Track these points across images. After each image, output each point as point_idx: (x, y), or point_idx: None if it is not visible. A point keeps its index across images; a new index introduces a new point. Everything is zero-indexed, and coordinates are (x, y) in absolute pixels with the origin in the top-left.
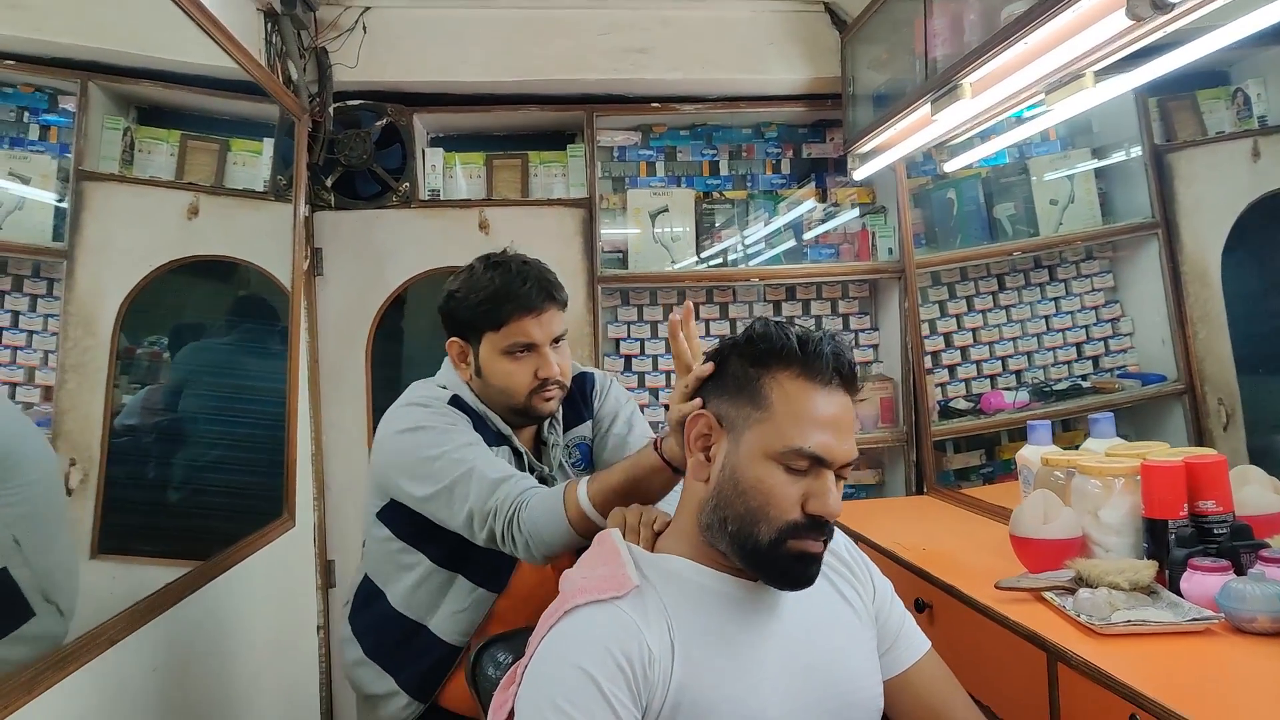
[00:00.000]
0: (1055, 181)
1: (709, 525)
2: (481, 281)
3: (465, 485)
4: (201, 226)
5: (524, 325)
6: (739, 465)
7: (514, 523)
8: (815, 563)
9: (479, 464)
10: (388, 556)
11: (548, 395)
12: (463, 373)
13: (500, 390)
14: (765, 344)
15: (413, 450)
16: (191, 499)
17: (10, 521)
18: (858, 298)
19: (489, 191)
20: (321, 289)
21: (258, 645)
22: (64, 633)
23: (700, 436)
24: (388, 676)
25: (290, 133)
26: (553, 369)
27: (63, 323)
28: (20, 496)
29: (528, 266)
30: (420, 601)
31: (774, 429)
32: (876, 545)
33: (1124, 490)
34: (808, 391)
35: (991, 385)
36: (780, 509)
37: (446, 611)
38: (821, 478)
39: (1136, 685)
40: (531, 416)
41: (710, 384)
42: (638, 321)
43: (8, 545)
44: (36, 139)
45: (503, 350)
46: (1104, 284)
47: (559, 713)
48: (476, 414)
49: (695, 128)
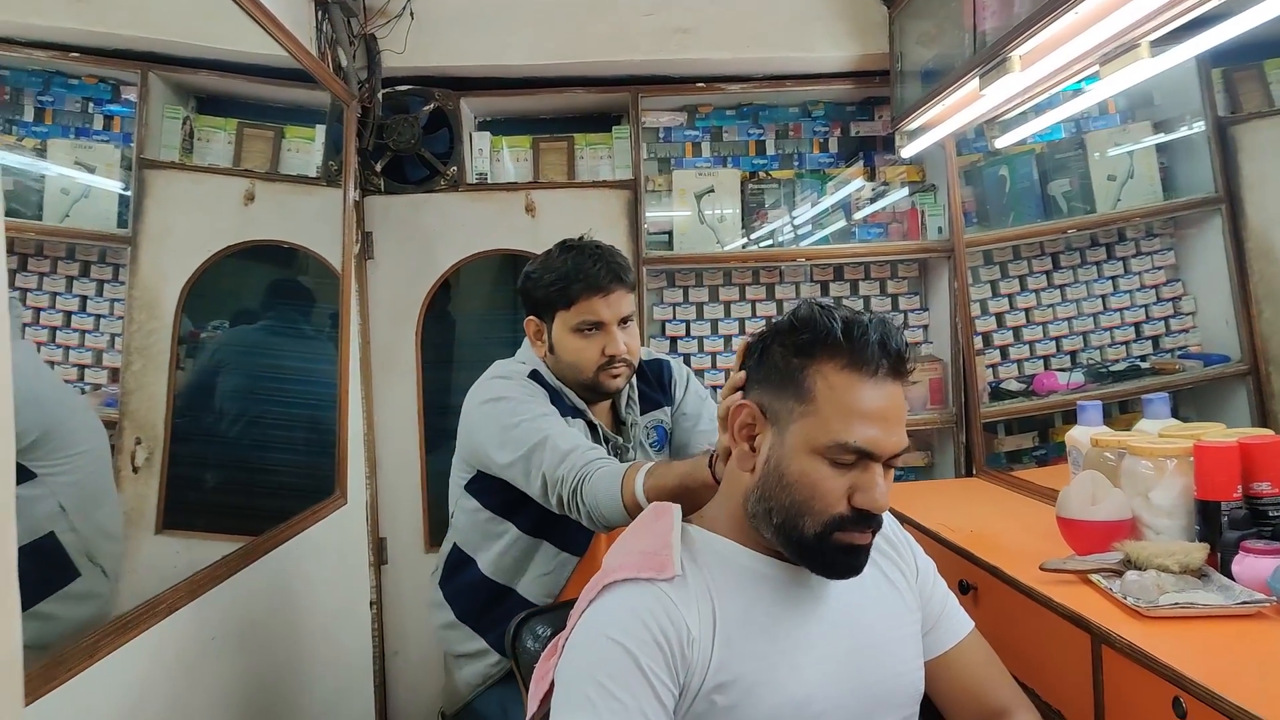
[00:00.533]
0: (1114, 156)
1: (754, 514)
2: (555, 263)
3: (540, 453)
4: (257, 212)
5: (592, 304)
6: (784, 459)
7: (578, 493)
8: (862, 554)
9: (553, 433)
10: (476, 526)
11: (615, 372)
12: (538, 349)
13: (570, 365)
14: (809, 332)
15: (495, 419)
16: (251, 478)
17: (57, 489)
18: (907, 277)
19: (535, 174)
20: (372, 272)
21: (312, 618)
22: (108, 592)
23: (744, 426)
24: (478, 637)
25: (341, 119)
26: (619, 347)
27: (128, 307)
28: (68, 467)
29: (599, 250)
30: (508, 567)
31: (819, 423)
32: (923, 527)
33: (1176, 471)
34: (854, 383)
35: (1045, 366)
36: (826, 503)
37: (533, 575)
38: (869, 470)
39: (1181, 668)
40: (600, 392)
41: (753, 372)
42: (683, 303)
43: (54, 511)
44: (101, 129)
45: (573, 328)
46: (1165, 262)
47: (597, 686)
48: (553, 388)
49: (741, 107)
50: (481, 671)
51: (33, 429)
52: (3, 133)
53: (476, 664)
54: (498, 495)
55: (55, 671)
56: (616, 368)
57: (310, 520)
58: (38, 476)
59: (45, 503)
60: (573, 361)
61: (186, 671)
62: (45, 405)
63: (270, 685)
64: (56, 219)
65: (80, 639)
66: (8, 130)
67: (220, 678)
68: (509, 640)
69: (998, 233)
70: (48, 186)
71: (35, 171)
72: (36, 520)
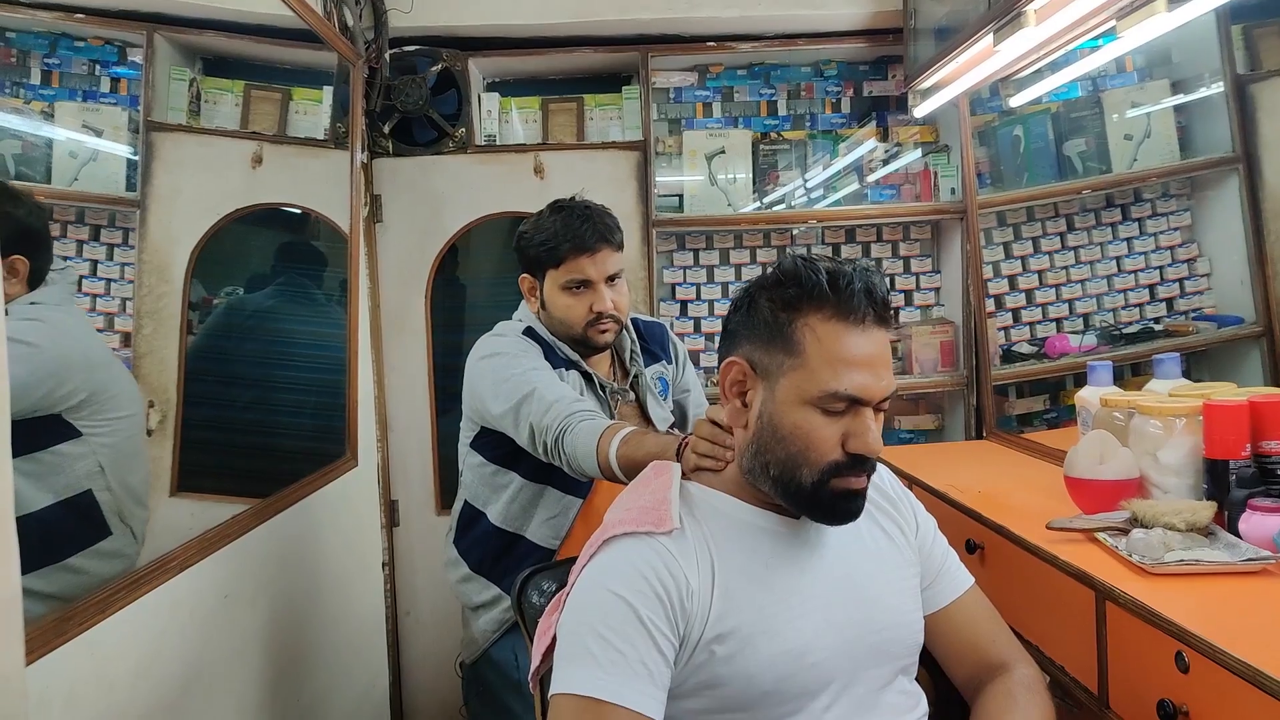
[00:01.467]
0: (1131, 115)
1: (751, 469)
2: (545, 223)
3: (529, 404)
4: (266, 175)
5: (580, 263)
6: (776, 412)
7: (560, 442)
8: (860, 498)
9: (541, 385)
10: (483, 480)
11: (603, 328)
12: (531, 305)
13: (561, 321)
14: (794, 286)
15: (490, 373)
16: (263, 441)
17: (98, 449)
18: (919, 239)
19: (544, 136)
20: (381, 235)
21: (325, 578)
22: (135, 553)
23: (735, 384)
24: (493, 586)
25: (348, 80)
26: (606, 304)
27: (138, 270)
28: (109, 429)
29: (588, 210)
30: (516, 514)
31: (808, 375)
32: (931, 488)
33: (1185, 430)
34: (841, 333)
35: (1057, 329)
36: (820, 451)
37: (540, 519)
38: (860, 416)
39: (1184, 623)
40: (590, 347)
41: (742, 329)
42: (694, 266)
43: (94, 470)
44: (108, 91)
45: (562, 286)
46: (1181, 223)
47: (598, 638)
48: (547, 343)
49: (753, 67)
50: (496, 618)
51: (83, 388)
52: (10, 95)
53: (492, 612)
54: (500, 448)
55: (67, 625)
56: (604, 324)
57: (321, 481)
58: (82, 435)
59: (86, 461)
60: (563, 318)
61: (201, 627)
62: (95, 367)
63: (284, 644)
64: (65, 183)
65: (93, 594)
66: (15, 93)
67: (234, 635)
68: (514, 595)
69: (1011, 194)
70: (56, 150)
71: (43, 135)
72: (77, 477)
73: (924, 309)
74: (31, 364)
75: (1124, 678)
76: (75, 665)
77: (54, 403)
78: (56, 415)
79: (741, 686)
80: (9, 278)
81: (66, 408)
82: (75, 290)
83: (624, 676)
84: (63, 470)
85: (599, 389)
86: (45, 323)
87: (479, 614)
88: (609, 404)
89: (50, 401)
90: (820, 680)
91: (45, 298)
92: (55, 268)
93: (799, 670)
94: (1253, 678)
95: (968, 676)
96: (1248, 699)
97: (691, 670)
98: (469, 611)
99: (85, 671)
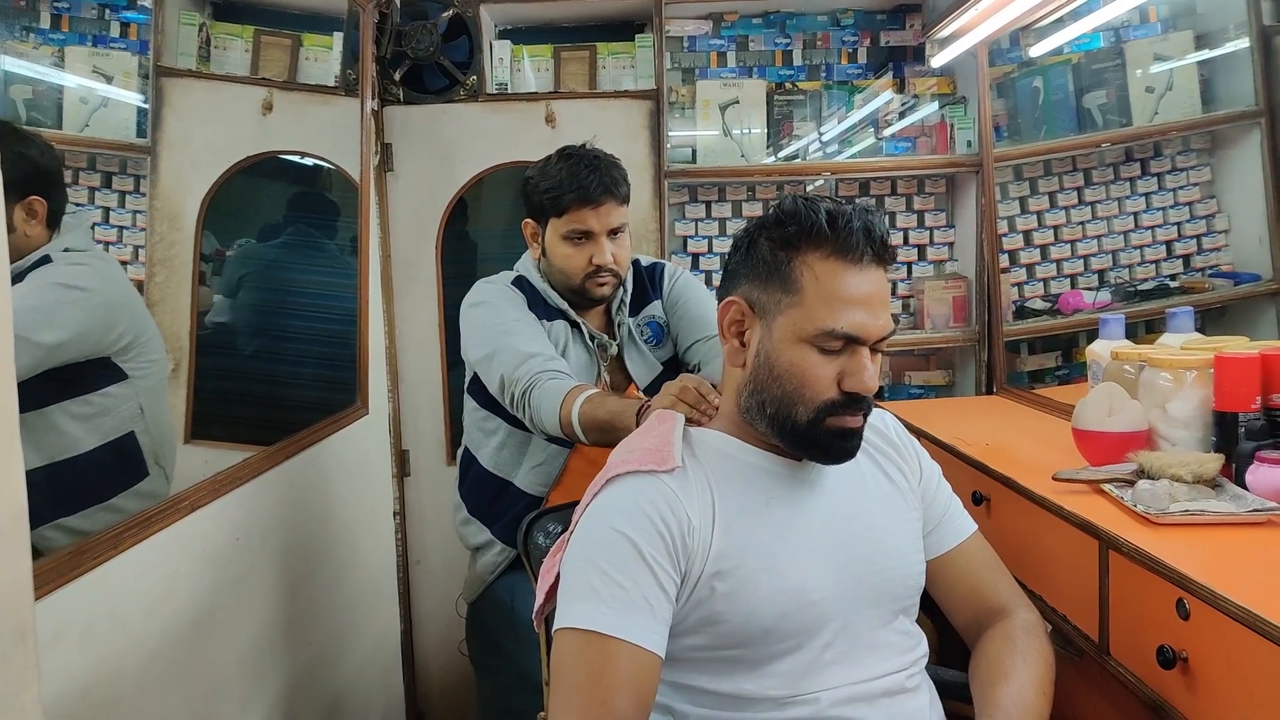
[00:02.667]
0: (1154, 69)
1: (748, 409)
2: (552, 170)
3: (502, 354)
4: (276, 123)
5: (583, 215)
6: (773, 350)
7: (527, 395)
8: (855, 437)
9: (517, 337)
10: (476, 425)
11: (601, 280)
12: (534, 251)
13: (560, 270)
14: (794, 224)
15: (473, 320)
16: (275, 390)
17: (140, 391)
18: (934, 193)
19: (556, 84)
20: (392, 184)
21: (335, 524)
22: (167, 494)
23: (733, 323)
24: (485, 529)
25: (358, 26)
26: (606, 257)
27: (149, 218)
28: (147, 370)
29: (597, 160)
30: (505, 460)
31: (806, 312)
32: (939, 440)
33: (1195, 383)
34: (839, 271)
35: (1072, 285)
36: (816, 390)
37: (527, 467)
38: (856, 355)
39: (1186, 570)
40: (587, 298)
41: (742, 269)
42: (706, 219)
43: (135, 413)
44: (117, 36)
45: (563, 235)
46: (1200, 178)
47: (601, 574)
48: (537, 292)
49: (768, 15)
50: (492, 561)
51: (128, 331)
52: (20, 40)
53: (488, 554)
54: (487, 393)
55: (81, 560)
56: (603, 276)
57: (332, 428)
58: (129, 378)
59: (130, 403)
60: (562, 267)
61: (212, 567)
62: (136, 309)
63: (297, 588)
64: (76, 129)
65: (104, 531)
66: (25, 38)
67: (246, 577)
68: (521, 537)
69: (1029, 146)
70: (66, 96)
71: (54, 81)
72: (122, 419)
73: (937, 264)
74: (86, 308)
75: (1125, 626)
76: (90, 600)
77: (106, 345)
78: (106, 358)
79: (741, 623)
80: (29, 219)
81: (116, 350)
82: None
83: (626, 611)
84: (110, 412)
85: (587, 340)
86: (90, 267)
87: (479, 556)
88: (597, 356)
89: (104, 344)
90: (820, 618)
91: (76, 243)
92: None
93: (799, 607)
94: (1252, 623)
95: (968, 621)
96: (1246, 643)
97: (692, 606)
98: (471, 553)
99: (100, 607)
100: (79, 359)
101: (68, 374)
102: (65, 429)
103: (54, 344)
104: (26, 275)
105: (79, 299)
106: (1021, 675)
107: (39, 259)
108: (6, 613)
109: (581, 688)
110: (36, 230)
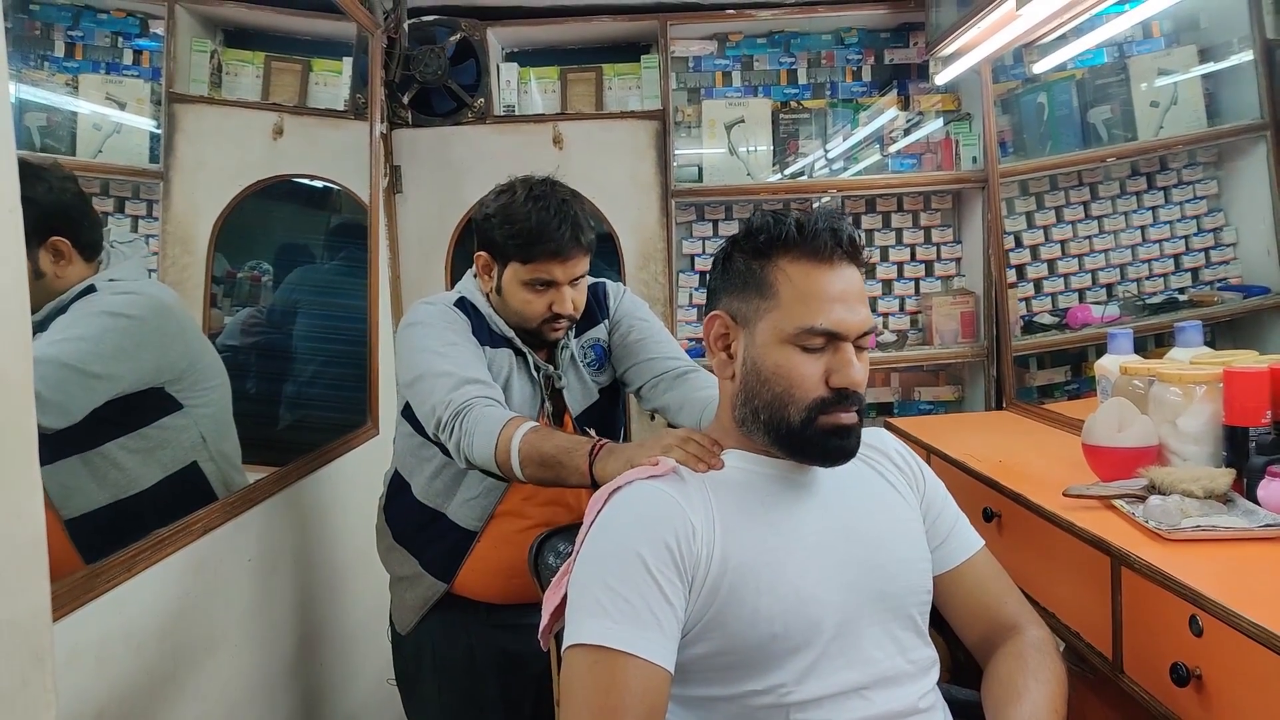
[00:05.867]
0: (1158, 83)
1: (743, 419)
2: (519, 213)
3: (435, 378)
4: (286, 147)
5: (549, 267)
6: (758, 355)
7: (459, 418)
8: (851, 435)
9: (451, 363)
10: (410, 450)
11: (557, 327)
12: (485, 284)
13: (516, 313)
14: (764, 234)
15: (407, 340)
16: (290, 412)
17: (199, 420)
18: (940, 209)
19: (563, 106)
20: (401, 206)
21: (347, 545)
22: None
23: (719, 337)
24: (413, 559)
25: (367, 50)
26: (567, 306)
27: (162, 242)
28: (206, 400)
29: (566, 206)
30: (438, 490)
31: (784, 314)
32: (949, 457)
33: (1205, 398)
34: (811, 271)
35: (1079, 300)
36: (804, 389)
37: (460, 499)
38: (840, 351)
39: (1199, 587)
40: (540, 340)
41: (721, 284)
42: (713, 237)
43: (197, 442)
44: (130, 63)
45: (524, 282)
46: (1207, 191)
47: (607, 589)
48: (483, 316)
49: (773, 35)
50: (421, 595)
51: (181, 360)
52: (35, 69)
53: (414, 587)
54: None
55: (95, 582)
56: (560, 323)
57: (343, 449)
58: (185, 408)
59: (189, 433)
60: (519, 310)
61: (224, 589)
62: (189, 339)
63: (307, 609)
64: (90, 155)
65: (118, 555)
66: (39, 66)
67: (258, 599)
68: (531, 557)
69: (1034, 162)
70: (80, 123)
71: (68, 108)
72: (183, 449)
73: (945, 279)
74: (136, 336)
75: (1138, 643)
76: (105, 622)
77: (156, 374)
78: (159, 388)
79: (746, 626)
80: (56, 260)
81: (168, 380)
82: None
83: (634, 626)
84: (168, 444)
85: (532, 371)
86: (138, 295)
87: (404, 587)
88: (541, 386)
89: (154, 374)
90: (823, 619)
91: (124, 273)
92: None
93: (802, 606)
94: (1265, 639)
95: (979, 638)
96: (1260, 659)
97: (698, 612)
98: (395, 583)
99: (114, 629)
100: (133, 390)
101: (121, 408)
102: (125, 465)
103: (106, 374)
104: (70, 307)
105: (127, 326)
106: (1034, 695)
107: (83, 289)
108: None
109: (591, 704)
110: (68, 269)
